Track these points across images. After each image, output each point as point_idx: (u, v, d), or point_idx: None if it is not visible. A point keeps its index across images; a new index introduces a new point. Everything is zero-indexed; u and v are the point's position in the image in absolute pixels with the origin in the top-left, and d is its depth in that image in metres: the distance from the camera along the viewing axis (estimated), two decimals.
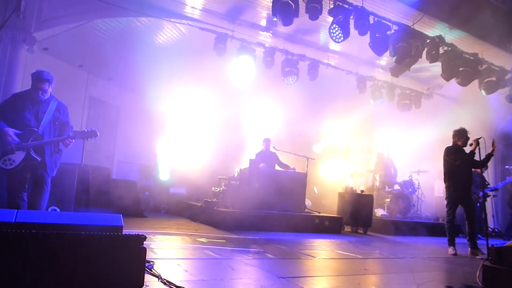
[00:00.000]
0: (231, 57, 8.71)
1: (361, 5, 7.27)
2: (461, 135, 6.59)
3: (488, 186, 9.66)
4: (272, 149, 9.21)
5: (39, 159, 4.20)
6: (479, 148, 5.88)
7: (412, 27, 7.85)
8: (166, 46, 9.70)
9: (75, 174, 6.76)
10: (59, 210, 4.67)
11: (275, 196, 7.90)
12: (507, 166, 9.88)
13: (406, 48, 7.79)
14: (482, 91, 9.26)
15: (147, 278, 2.87)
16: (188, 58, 9.50)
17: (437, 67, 8.89)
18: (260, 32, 8.94)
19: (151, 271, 3.10)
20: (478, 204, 9.39)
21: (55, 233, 2.27)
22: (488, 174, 8.02)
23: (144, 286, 2.58)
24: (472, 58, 8.75)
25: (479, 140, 5.95)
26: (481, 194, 8.36)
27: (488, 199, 9.92)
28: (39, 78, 4.28)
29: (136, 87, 10.80)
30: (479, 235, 9.68)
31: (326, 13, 7.13)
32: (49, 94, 4.41)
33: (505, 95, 9.64)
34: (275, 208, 7.86)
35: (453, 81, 8.89)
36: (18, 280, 2.10)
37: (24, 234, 2.16)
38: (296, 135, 11.10)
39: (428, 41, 8.15)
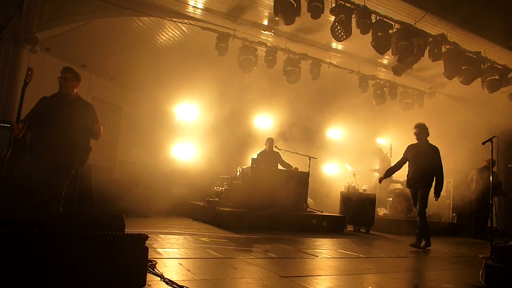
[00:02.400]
0: (233, 56, 8.71)
1: (363, 4, 7.26)
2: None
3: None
4: (274, 149, 9.21)
5: None
6: (491, 148, 5.84)
7: (414, 25, 7.83)
8: (168, 45, 9.70)
9: (77, 173, 6.77)
10: (61, 210, 4.70)
11: (277, 196, 7.90)
12: (510, 165, 9.86)
13: (408, 46, 7.77)
14: (485, 89, 9.23)
15: (150, 277, 2.87)
16: (190, 57, 9.50)
17: (439, 66, 8.86)
18: (262, 31, 8.93)
19: (154, 270, 3.10)
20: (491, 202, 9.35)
21: (57, 232, 2.27)
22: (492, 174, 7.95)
23: (146, 286, 2.59)
24: (474, 56, 8.73)
25: (493, 139, 5.90)
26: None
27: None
28: None
29: (138, 86, 10.81)
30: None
31: (328, 12, 7.11)
32: None
33: (508, 93, 9.61)
34: (277, 207, 7.85)
35: (456, 79, 8.86)
36: (20, 279, 2.11)
37: (27, 233, 2.17)
38: (299, 134, 11.08)
39: (430, 39, 8.13)
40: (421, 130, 6.72)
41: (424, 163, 6.50)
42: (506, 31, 8.35)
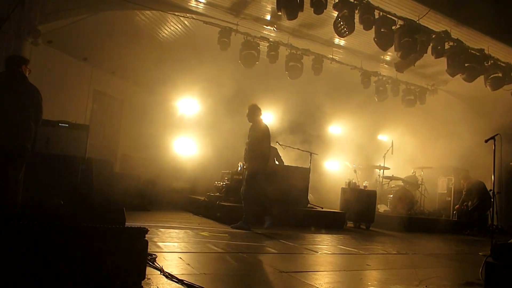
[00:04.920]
0: (235, 51, 8.68)
1: None
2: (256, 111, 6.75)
3: None
4: (273, 144, 9.19)
5: None
6: (494, 145, 5.79)
7: (417, 22, 7.78)
8: (170, 39, 9.67)
9: (78, 166, 6.79)
10: (62, 203, 4.71)
11: (278, 191, 7.88)
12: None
13: (411, 43, 7.72)
14: (488, 87, 9.19)
15: (149, 271, 2.88)
16: (192, 51, 9.47)
17: (442, 63, 8.81)
18: (265, 26, 8.89)
19: (154, 264, 3.11)
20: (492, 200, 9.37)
21: (57, 225, 2.28)
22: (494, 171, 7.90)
23: (146, 279, 2.60)
24: (478, 53, 8.67)
25: (495, 137, 5.83)
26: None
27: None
28: None
29: (140, 80, 10.80)
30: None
31: (331, 7, 7.07)
32: None
33: (511, 91, 9.56)
34: (278, 202, 7.84)
35: (459, 77, 8.81)
36: (20, 272, 2.11)
37: (27, 226, 2.17)
38: (300, 130, 11.06)
39: (433, 36, 8.07)
40: (250, 111, 6.73)
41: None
42: (510, 29, 8.29)
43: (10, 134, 4.32)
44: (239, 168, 8.43)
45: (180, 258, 3.64)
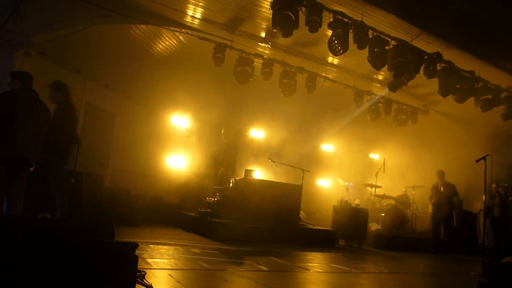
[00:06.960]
0: (229, 67, 8.71)
1: (360, 19, 7.32)
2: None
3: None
4: (267, 161, 9.16)
5: None
6: (485, 165, 5.82)
7: (410, 43, 7.91)
8: (165, 54, 9.69)
9: (67, 180, 6.67)
10: (49, 216, 4.59)
11: (270, 208, 7.82)
12: (502, 184, 9.90)
13: (404, 63, 7.83)
14: (478, 108, 9.32)
15: None
16: (186, 67, 9.48)
17: (434, 84, 8.94)
18: (259, 43, 8.96)
19: (143, 281, 3.02)
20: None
21: (42, 238, 2.19)
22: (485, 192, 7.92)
23: None
24: (468, 75, 8.82)
25: (486, 158, 5.85)
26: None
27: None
28: None
29: (133, 94, 10.77)
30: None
31: (326, 26, 7.16)
32: None
33: (501, 113, 9.71)
34: (270, 220, 7.76)
35: (450, 97, 8.94)
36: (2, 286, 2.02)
37: (13, 240, 2.09)
38: (292, 147, 11.07)
39: (425, 57, 8.20)
40: (55, 89, 5.43)
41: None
42: (499, 52, 8.47)
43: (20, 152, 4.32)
44: (231, 184, 8.37)
45: (170, 275, 3.55)
